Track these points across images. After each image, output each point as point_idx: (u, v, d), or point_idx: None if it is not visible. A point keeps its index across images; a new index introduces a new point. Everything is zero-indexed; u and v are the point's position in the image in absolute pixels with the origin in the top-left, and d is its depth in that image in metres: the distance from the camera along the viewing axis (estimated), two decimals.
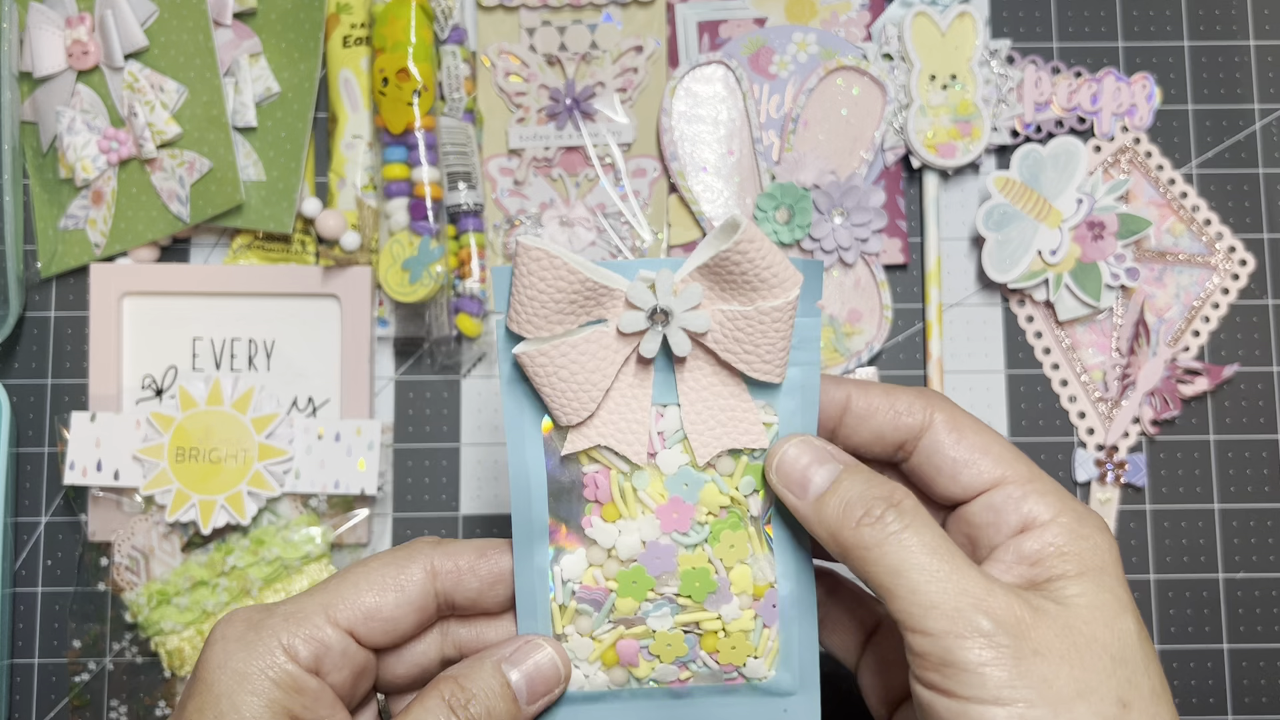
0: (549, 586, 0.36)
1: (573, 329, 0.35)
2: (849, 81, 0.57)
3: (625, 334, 0.35)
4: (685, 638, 0.37)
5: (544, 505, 0.36)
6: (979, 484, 0.35)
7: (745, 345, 0.35)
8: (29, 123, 0.57)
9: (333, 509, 0.53)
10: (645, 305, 0.35)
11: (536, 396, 0.36)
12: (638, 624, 0.36)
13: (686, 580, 0.36)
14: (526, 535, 0.36)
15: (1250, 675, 0.55)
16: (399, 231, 0.54)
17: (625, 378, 0.36)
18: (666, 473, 0.36)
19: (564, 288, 0.34)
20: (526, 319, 0.34)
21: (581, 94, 0.56)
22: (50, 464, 0.56)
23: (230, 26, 0.56)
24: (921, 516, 0.32)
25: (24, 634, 0.55)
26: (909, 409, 0.36)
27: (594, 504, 0.36)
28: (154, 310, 0.55)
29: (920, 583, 0.31)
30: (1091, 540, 0.33)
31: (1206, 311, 0.56)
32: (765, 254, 0.34)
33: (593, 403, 0.35)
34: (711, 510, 0.36)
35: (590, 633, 0.37)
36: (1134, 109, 0.57)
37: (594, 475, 0.36)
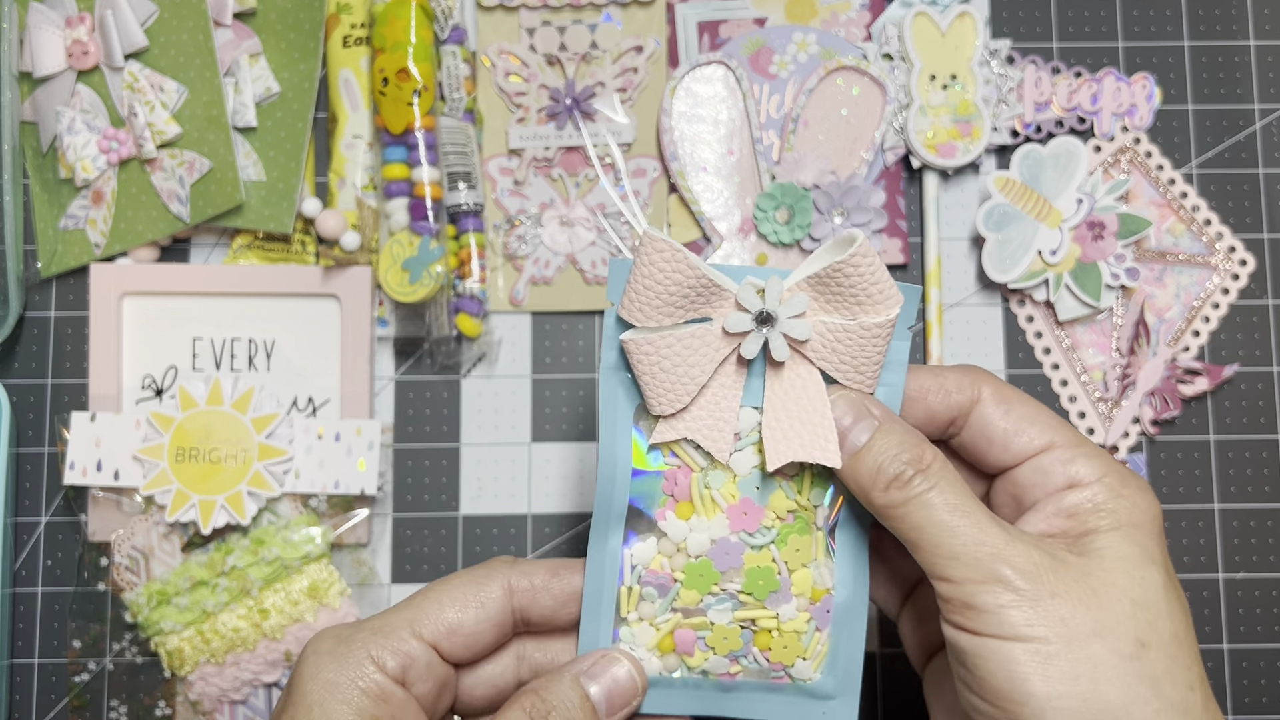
0: (619, 569, 0.38)
1: (679, 323, 0.36)
2: (849, 81, 0.57)
3: (730, 333, 0.36)
4: (741, 633, 0.38)
5: (626, 492, 0.38)
6: (1029, 449, 0.37)
7: (842, 357, 0.37)
8: (29, 123, 0.57)
9: (333, 509, 0.53)
10: (753, 308, 0.36)
11: (633, 388, 0.38)
12: (698, 615, 0.38)
13: (751, 578, 0.38)
14: (605, 519, 0.38)
15: (1250, 675, 0.55)
16: (399, 231, 0.54)
17: (720, 376, 0.37)
18: (739, 473, 0.38)
19: (680, 280, 0.35)
20: (639, 307, 0.36)
21: (581, 94, 0.56)
22: (50, 464, 0.56)
23: (230, 26, 0.56)
24: (948, 476, 0.35)
25: (24, 634, 0.55)
26: (958, 386, 0.38)
27: (670, 499, 0.38)
28: (154, 310, 0.55)
29: (943, 537, 0.34)
30: (1130, 500, 0.35)
31: (1206, 311, 0.56)
32: (875, 271, 0.36)
33: (688, 396, 0.37)
34: (779, 514, 0.38)
35: (652, 619, 0.38)
36: (1134, 109, 0.57)
37: (675, 472, 0.38)
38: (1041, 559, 0.33)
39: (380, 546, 0.55)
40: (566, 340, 0.57)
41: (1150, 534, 0.34)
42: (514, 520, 0.55)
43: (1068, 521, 0.35)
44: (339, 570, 0.53)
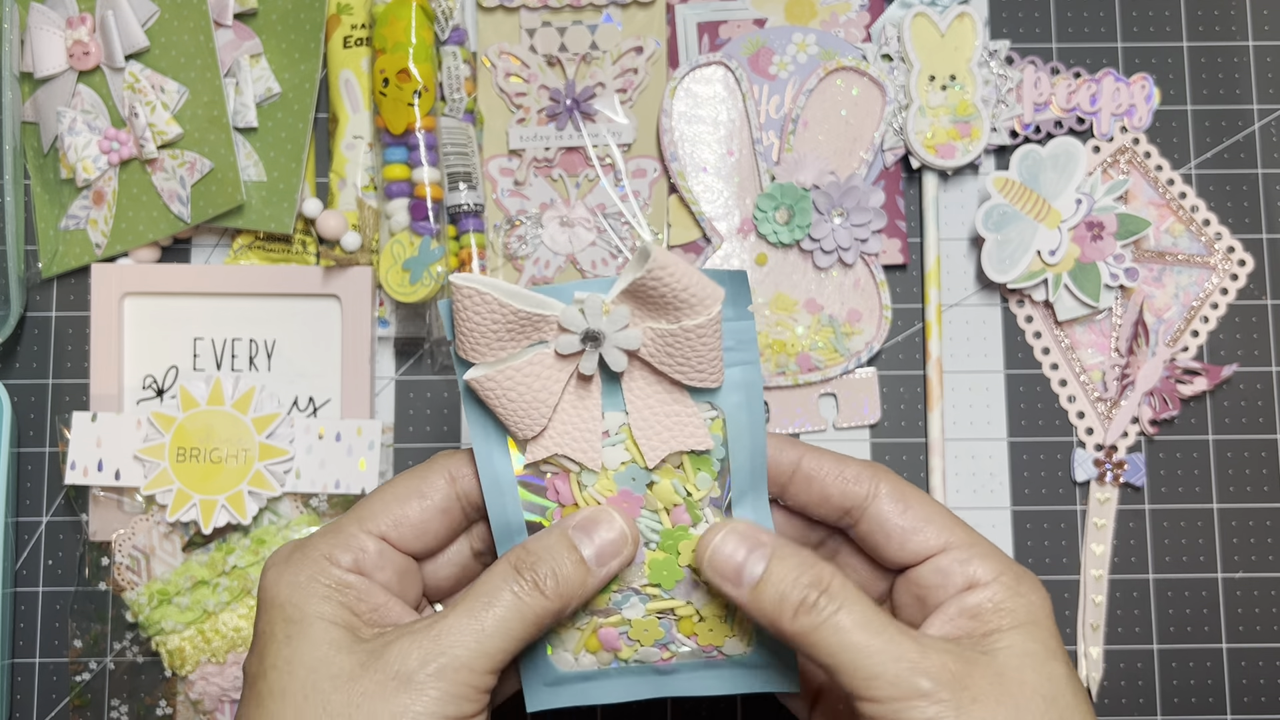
0: None
1: (516, 353, 0.37)
2: (848, 82, 0.57)
3: (563, 355, 0.37)
4: (660, 622, 0.39)
5: (518, 505, 0.38)
6: (926, 549, 0.38)
7: (677, 359, 0.37)
8: (30, 123, 0.57)
9: (333, 509, 0.53)
10: (578, 329, 0.37)
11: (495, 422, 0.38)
12: (612, 614, 0.38)
13: (654, 570, 0.38)
14: (505, 535, 0.39)
15: (1249, 675, 0.55)
16: (399, 232, 0.54)
17: (571, 392, 0.38)
18: (611, 467, 0.38)
19: (498, 319, 0.36)
20: (471, 347, 0.37)
21: (582, 94, 0.56)
22: (51, 464, 0.56)
23: (231, 27, 0.56)
24: (851, 594, 0.35)
25: (25, 633, 0.55)
26: (856, 478, 0.39)
27: (558, 506, 0.39)
28: (155, 310, 0.55)
29: (860, 659, 0.34)
30: (1026, 598, 0.36)
31: (1205, 311, 0.57)
32: (679, 278, 0.36)
33: (543, 418, 0.37)
34: (666, 507, 0.38)
35: (573, 624, 0.39)
36: (1133, 109, 0.57)
37: (554, 480, 0.38)
38: (956, 665, 0.34)
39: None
40: None
41: (1048, 629, 0.36)
42: None
43: (971, 622, 0.36)
44: None
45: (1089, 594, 0.55)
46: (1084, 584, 0.55)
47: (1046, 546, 0.56)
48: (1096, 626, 0.55)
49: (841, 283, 0.56)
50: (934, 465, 0.55)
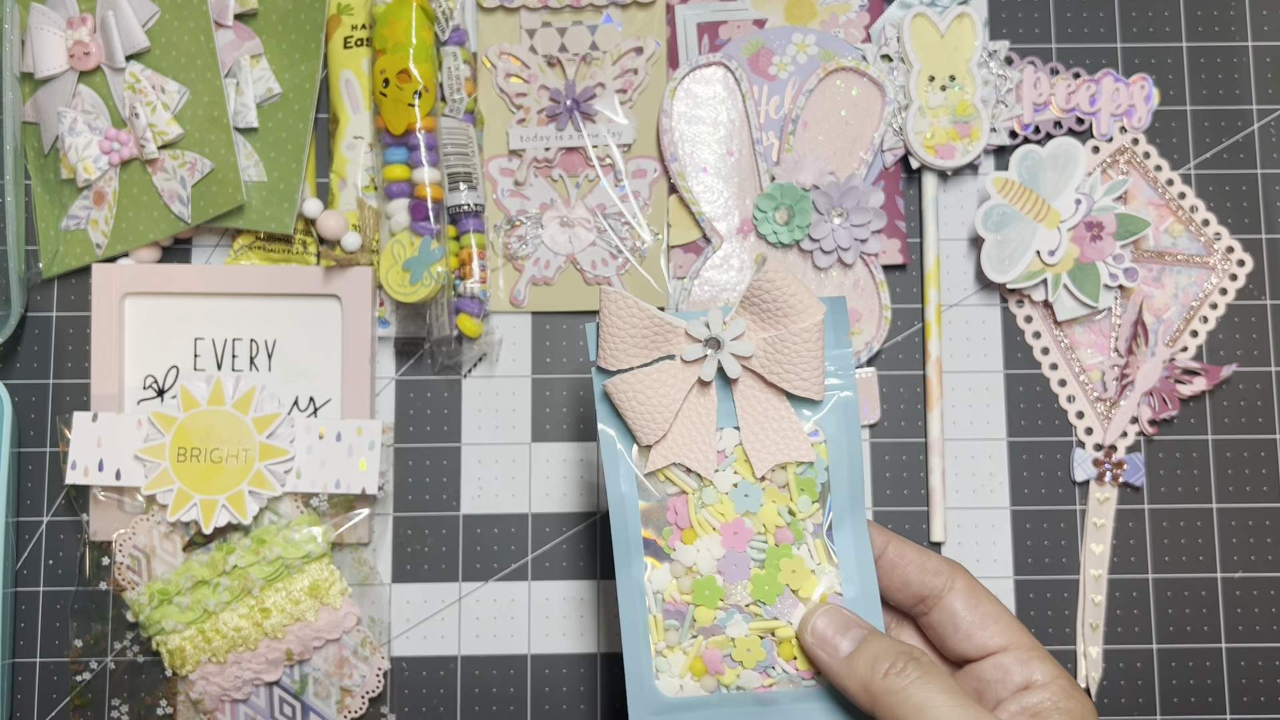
0: (644, 596, 0.42)
1: (648, 361, 0.42)
2: (848, 82, 0.57)
3: (688, 362, 0.43)
4: (763, 642, 0.41)
5: (638, 523, 0.42)
6: (990, 646, 0.41)
7: (784, 365, 0.42)
8: (31, 123, 0.57)
9: (334, 508, 0.53)
10: (701, 335, 0.42)
11: (625, 432, 0.43)
12: (717, 633, 0.42)
13: (757, 586, 0.42)
14: (624, 551, 0.42)
15: (1249, 675, 0.55)
16: (400, 232, 0.54)
17: (691, 402, 0.43)
18: (725, 488, 0.42)
19: (638, 324, 0.42)
20: (611, 353, 0.42)
21: (582, 95, 0.57)
22: (52, 464, 0.56)
23: (231, 27, 0.56)
24: (937, 668, 0.39)
25: (26, 633, 0.55)
26: (937, 570, 0.43)
27: (675, 528, 0.42)
28: (155, 310, 0.56)
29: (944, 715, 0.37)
30: (1081, 702, 0.40)
31: (1205, 311, 0.57)
32: (788, 284, 0.41)
33: (666, 423, 0.42)
34: (770, 530, 0.42)
35: (679, 645, 0.42)
36: (1132, 110, 0.58)
37: (674, 501, 0.42)
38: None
39: (381, 546, 0.55)
40: (567, 340, 0.57)
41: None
42: (514, 520, 0.56)
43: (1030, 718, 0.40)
44: (340, 569, 0.53)
45: (1088, 594, 0.55)
46: (1083, 584, 0.55)
47: (1046, 546, 0.56)
48: (1096, 626, 0.55)
49: (841, 283, 0.56)
50: (933, 465, 0.55)
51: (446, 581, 0.55)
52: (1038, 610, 0.55)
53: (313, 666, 0.53)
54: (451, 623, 0.55)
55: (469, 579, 0.55)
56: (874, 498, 0.56)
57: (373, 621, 0.54)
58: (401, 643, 0.55)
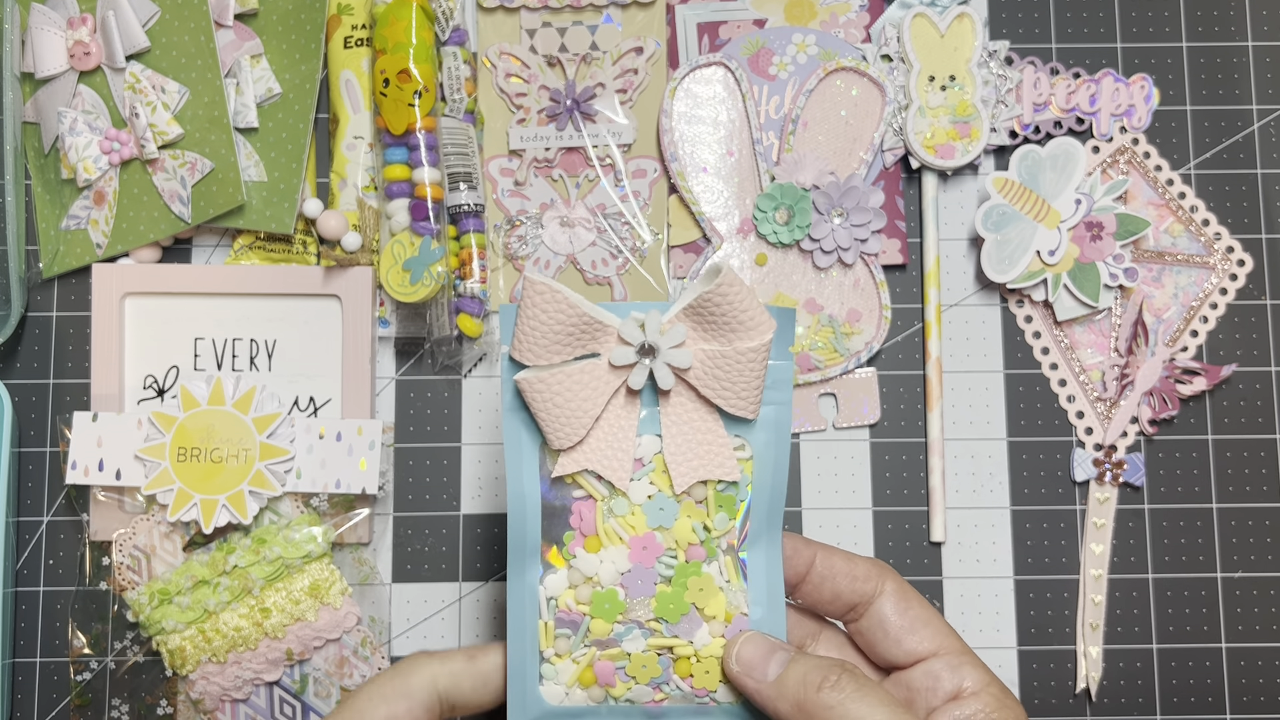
0: (537, 603, 0.39)
1: (569, 360, 0.38)
2: (848, 82, 0.57)
3: (616, 366, 0.38)
4: (659, 659, 0.39)
5: (538, 526, 0.39)
6: (919, 651, 0.40)
7: (723, 382, 0.38)
8: (31, 123, 0.57)
9: (334, 508, 0.53)
10: (635, 341, 0.38)
11: (534, 425, 0.39)
12: (612, 646, 0.39)
13: (661, 603, 0.39)
14: (520, 553, 0.39)
15: (1249, 675, 0.55)
16: (400, 232, 0.54)
17: (614, 408, 0.39)
18: (639, 500, 0.39)
19: (563, 320, 0.37)
20: (528, 347, 0.38)
21: (582, 95, 0.57)
22: (52, 463, 0.56)
23: (231, 27, 0.56)
24: (871, 681, 0.37)
25: (26, 633, 0.55)
26: (865, 576, 0.41)
27: (577, 533, 0.39)
28: (156, 310, 0.56)
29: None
30: (1014, 710, 0.39)
31: (1204, 311, 0.57)
32: (743, 299, 0.37)
33: (583, 429, 0.38)
34: (682, 545, 0.39)
35: (569, 654, 0.39)
36: (1132, 110, 0.58)
37: (580, 505, 0.39)
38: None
39: (381, 546, 0.55)
40: None
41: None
42: None
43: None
44: (340, 569, 0.53)
45: (1088, 593, 0.55)
46: (1083, 583, 0.55)
47: (1046, 546, 0.56)
48: (1096, 626, 0.55)
49: (841, 283, 0.56)
50: (933, 465, 0.55)
51: (446, 581, 0.55)
52: (1038, 610, 0.55)
53: (313, 666, 0.53)
54: (451, 623, 0.55)
55: (469, 579, 0.55)
56: (874, 498, 0.56)
57: (373, 621, 0.54)
58: (401, 643, 0.55)
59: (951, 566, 0.56)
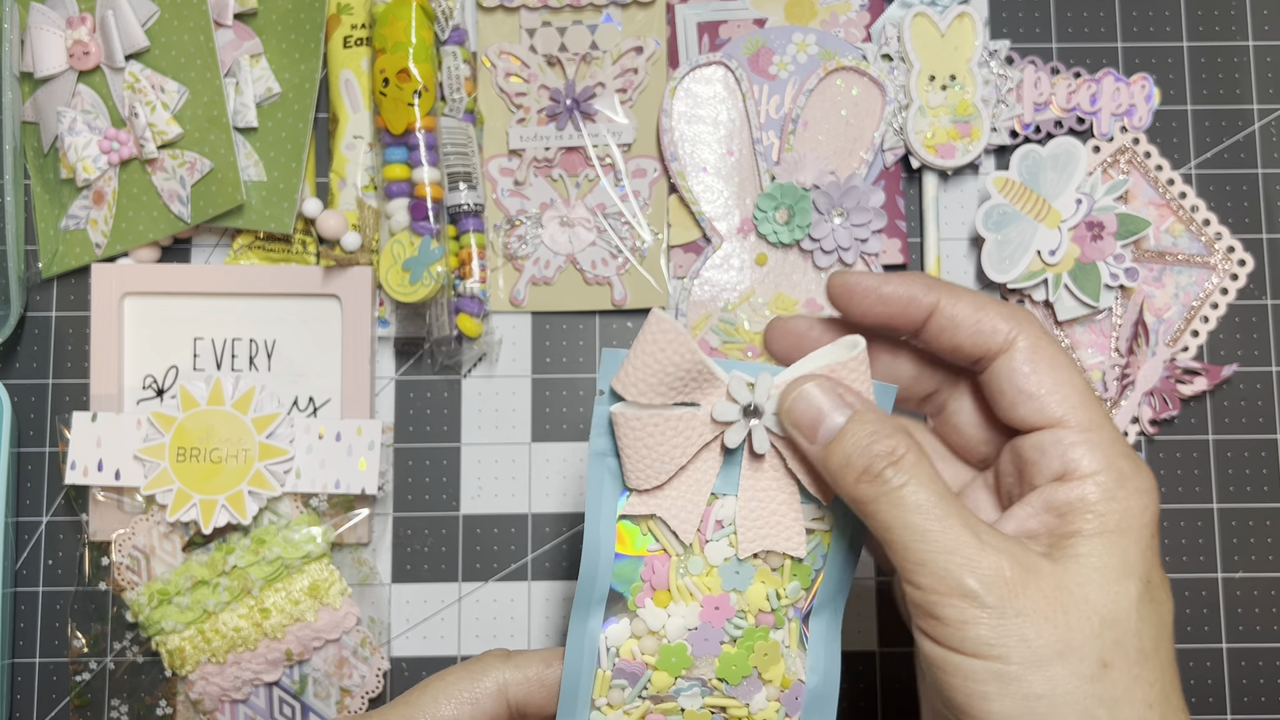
0: (596, 651, 0.38)
1: (668, 404, 0.37)
2: (848, 82, 0.57)
3: (716, 420, 0.37)
4: (712, 717, 0.38)
5: (609, 576, 0.38)
6: (1035, 422, 0.35)
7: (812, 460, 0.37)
8: (30, 123, 0.57)
9: (333, 508, 0.53)
10: (742, 399, 0.37)
11: (617, 475, 0.38)
12: (668, 701, 0.38)
13: (724, 664, 0.38)
14: (587, 601, 0.38)
15: (1249, 675, 0.55)
16: (399, 232, 0.54)
17: (699, 461, 0.38)
18: (715, 561, 0.38)
19: (679, 362, 0.36)
20: (634, 382, 0.36)
21: (582, 94, 0.56)
22: (51, 464, 0.56)
23: (231, 27, 0.56)
24: (922, 472, 0.33)
25: (25, 633, 0.55)
26: (993, 328, 0.35)
27: (647, 585, 0.38)
28: (155, 310, 0.55)
29: (911, 540, 0.32)
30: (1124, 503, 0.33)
31: (1205, 311, 0.57)
32: (867, 379, 0.37)
33: (666, 474, 0.37)
34: (752, 610, 0.38)
35: (621, 705, 0.38)
36: (1133, 109, 0.58)
37: (654, 559, 0.38)
38: (1013, 571, 0.32)
39: (381, 546, 0.55)
40: (567, 340, 0.57)
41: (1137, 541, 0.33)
42: (514, 520, 0.56)
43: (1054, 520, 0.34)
44: (340, 570, 0.53)
45: None
46: None
47: None
48: None
49: None
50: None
51: (446, 581, 0.55)
52: None
53: (312, 667, 0.53)
54: (451, 623, 0.55)
55: (469, 579, 0.55)
56: None
57: (372, 622, 0.54)
58: (401, 643, 0.55)
59: None
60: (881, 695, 0.55)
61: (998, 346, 0.35)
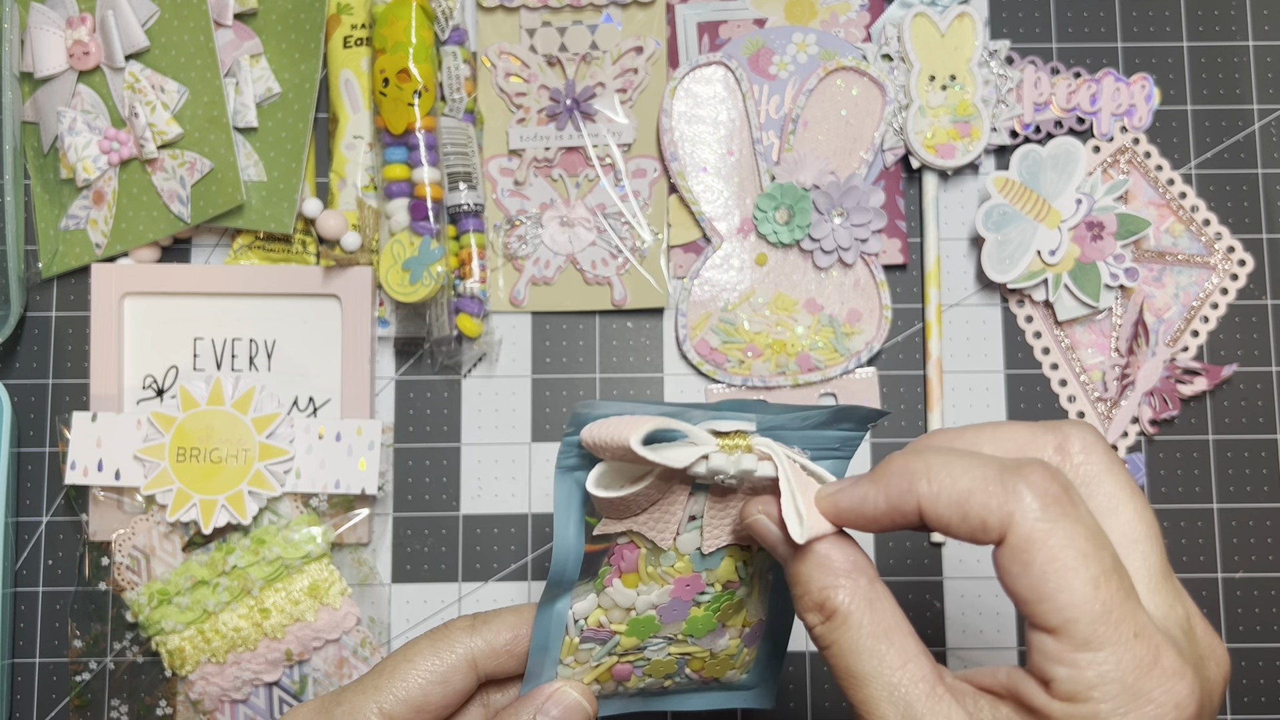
0: (565, 624, 0.38)
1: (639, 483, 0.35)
2: (848, 82, 0.57)
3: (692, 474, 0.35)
4: (677, 660, 0.39)
5: (577, 571, 0.38)
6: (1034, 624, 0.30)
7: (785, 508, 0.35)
8: (30, 123, 0.57)
9: (333, 508, 0.53)
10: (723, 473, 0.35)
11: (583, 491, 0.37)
12: (635, 653, 0.39)
13: (691, 624, 0.38)
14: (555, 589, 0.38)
15: (1250, 675, 0.55)
16: (399, 232, 0.54)
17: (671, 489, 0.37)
18: (686, 550, 0.37)
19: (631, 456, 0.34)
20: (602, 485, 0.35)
21: (582, 94, 0.56)
22: (51, 464, 0.56)
23: (231, 27, 0.56)
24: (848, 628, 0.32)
25: (25, 633, 0.55)
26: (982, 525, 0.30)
27: (615, 570, 0.38)
28: (155, 310, 0.55)
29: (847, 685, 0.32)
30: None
31: (1205, 311, 0.57)
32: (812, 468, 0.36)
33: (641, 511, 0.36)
34: (721, 581, 0.38)
35: (588, 663, 0.39)
36: (1133, 109, 0.57)
37: (622, 549, 0.37)
38: None
39: (381, 546, 0.55)
40: (567, 340, 0.57)
41: None
42: (514, 520, 0.56)
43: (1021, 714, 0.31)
44: (340, 570, 0.53)
45: None
46: None
47: None
48: None
49: (841, 283, 0.56)
50: None
51: (446, 582, 0.55)
52: None
53: (312, 667, 0.53)
54: None
55: (469, 579, 0.55)
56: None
57: (372, 622, 0.54)
58: (401, 643, 0.55)
59: (952, 567, 0.55)
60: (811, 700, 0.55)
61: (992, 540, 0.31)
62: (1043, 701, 0.30)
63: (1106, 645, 0.29)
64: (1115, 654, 0.29)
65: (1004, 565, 0.30)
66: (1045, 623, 0.30)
